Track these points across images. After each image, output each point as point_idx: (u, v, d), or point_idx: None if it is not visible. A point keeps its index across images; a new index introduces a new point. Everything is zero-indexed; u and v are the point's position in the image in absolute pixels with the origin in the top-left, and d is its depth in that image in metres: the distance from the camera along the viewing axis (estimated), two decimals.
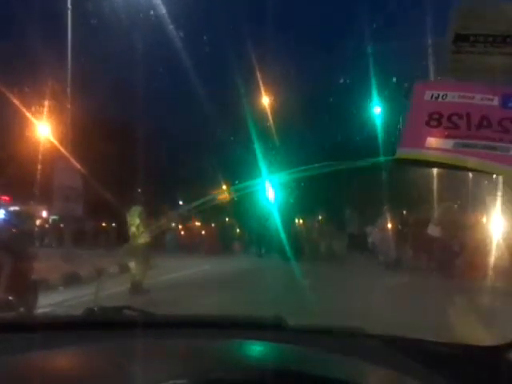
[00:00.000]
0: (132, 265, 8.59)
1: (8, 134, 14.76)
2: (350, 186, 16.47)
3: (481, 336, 4.66)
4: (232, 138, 17.07)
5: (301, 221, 18.38)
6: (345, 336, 1.48)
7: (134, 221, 8.75)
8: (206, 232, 20.69)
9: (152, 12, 11.71)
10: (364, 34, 11.34)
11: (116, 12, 12.65)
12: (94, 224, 21.59)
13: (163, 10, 11.27)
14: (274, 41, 16.57)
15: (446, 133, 1.27)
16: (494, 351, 1.33)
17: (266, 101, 16.15)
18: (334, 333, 1.50)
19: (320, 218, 17.20)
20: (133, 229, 8.77)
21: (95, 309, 1.55)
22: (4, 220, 6.57)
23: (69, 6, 12.66)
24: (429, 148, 1.27)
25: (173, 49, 12.81)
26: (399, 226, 14.30)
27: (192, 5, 12.94)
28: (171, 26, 11.80)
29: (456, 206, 13.17)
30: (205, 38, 15.75)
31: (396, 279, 9.90)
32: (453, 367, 1.26)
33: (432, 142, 1.27)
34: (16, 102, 12.03)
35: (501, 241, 8.44)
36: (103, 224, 22.33)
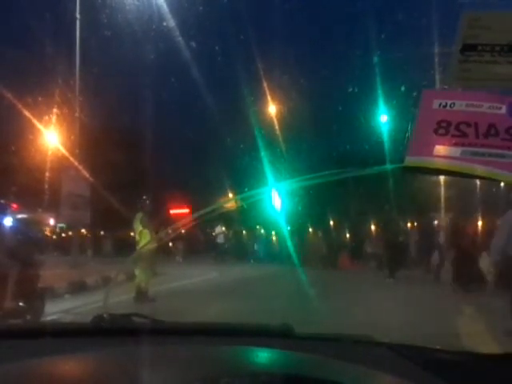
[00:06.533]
0: (137, 272, 8.61)
1: (16, 142, 14.90)
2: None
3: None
4: (241, 146, 17.17)
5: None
6: (352, 343, 1.47)
7: (138, 228, 8.81)
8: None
9: (162, 23, 11.83)
10: (372, 44, 11.39)
11: (126, 23, 12.79)
12: (101, 232, 21.64)
13: (173, 20, 11.38)
14: (283, 50, 16.74)
15: (454, 141, 1.27)
16: (504, 359, 1.32)
17: (274, 110, 16.21)
18: (341, 340, 1.50)
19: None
20: (137, 236, 8.83)
21: (104, 315, 1.56)
22: (11, 227, 6.58)
23: (78, 15, 12.83)
24: (437, 156, 1.27)
25: (182, 59, 12.93)
26: None
27: (201, 16, 13.07)
28: (180, 37, 11.92)
29: None
30: (213, 48, 15.90)
31: None
32: (462, 375, 1.25)
33: (440, 149, 1.27)
34: (25, 110, 12.15)
35: None
36: (110, 231, 22.36)
